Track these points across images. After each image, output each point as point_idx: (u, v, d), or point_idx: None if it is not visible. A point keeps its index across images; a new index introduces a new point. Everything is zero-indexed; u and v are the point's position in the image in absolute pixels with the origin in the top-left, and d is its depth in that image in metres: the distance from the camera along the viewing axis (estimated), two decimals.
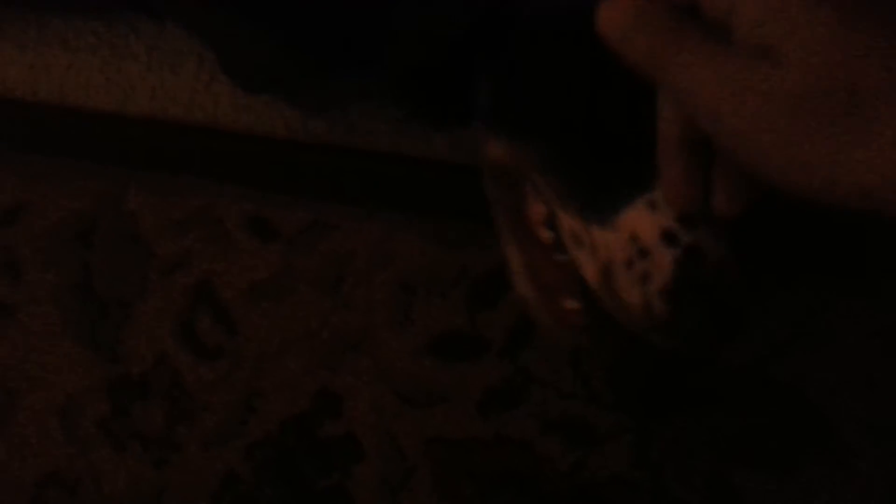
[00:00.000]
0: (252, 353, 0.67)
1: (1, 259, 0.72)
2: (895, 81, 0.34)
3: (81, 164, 0.74)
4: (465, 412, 0.63)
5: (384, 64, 0.55)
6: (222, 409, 0.66)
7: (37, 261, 0.72)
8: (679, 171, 0.41)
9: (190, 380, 0.67)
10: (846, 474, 0.59)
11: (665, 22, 0.38)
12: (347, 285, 0.67)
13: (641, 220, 0.44)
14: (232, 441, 0.66)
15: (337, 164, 0.71)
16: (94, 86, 0.75)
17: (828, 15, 0.36)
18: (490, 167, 0.52)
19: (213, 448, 0.66)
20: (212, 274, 0.69)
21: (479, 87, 0.50)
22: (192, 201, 0.71)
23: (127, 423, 0.67)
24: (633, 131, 0.45)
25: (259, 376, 0.66)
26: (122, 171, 0.73)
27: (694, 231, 0.43)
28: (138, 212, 0.72)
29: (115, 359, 0.68)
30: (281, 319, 0.67)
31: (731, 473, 0.60)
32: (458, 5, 0.50)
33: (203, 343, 0.67)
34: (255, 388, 0.66)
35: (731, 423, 0.60)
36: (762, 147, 0.37)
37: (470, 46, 0.50)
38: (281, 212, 0.70)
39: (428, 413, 0.63)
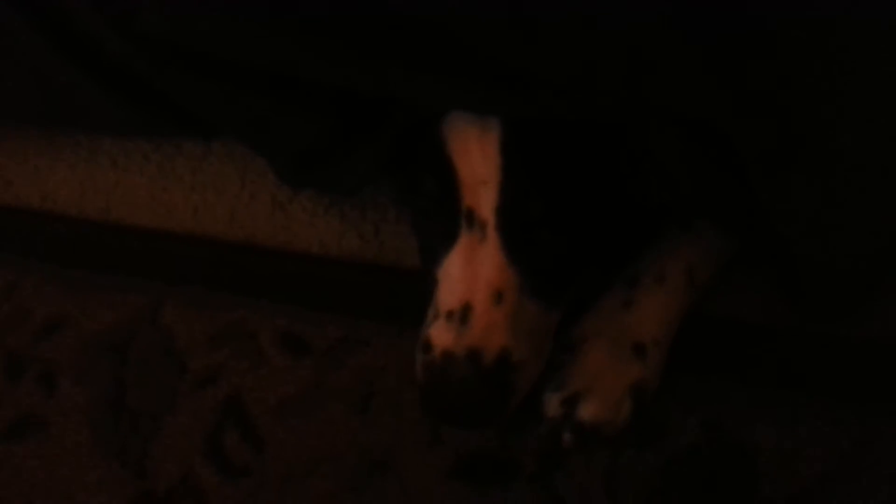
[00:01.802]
0: (278, 472, 0.65)
1: (37, 371, 0.73)
2: None
3: (122, 277, 0.76)
4: None
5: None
6: None
7: (72, 374, 0.72)
8: None
9: (213, 499, 0.65)
10: None
11: None
12: (376, 403, 0.66)
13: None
14: None
15: (369, 282, 0.72)
16: (140, 203, 0.78)
17: None
18: None
19: None
20: (242, 389, 0.69)
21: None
22: (226, 316, 0.72)
23: None
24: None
25: (284, 497, 0.64)
26: (161, 285, 0.75)
27: None
28: (174, 325, 0.73)
29: (142, 474, 0.67)
30: (309, 437, 0.66)
31: None
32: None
33: (230, 460, 0.66)
34: None
35: None
36: None
37: None
38: (313, 328, 0.70)
39: None
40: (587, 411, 0.59)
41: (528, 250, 0.55)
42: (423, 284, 0.59)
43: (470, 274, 0.55)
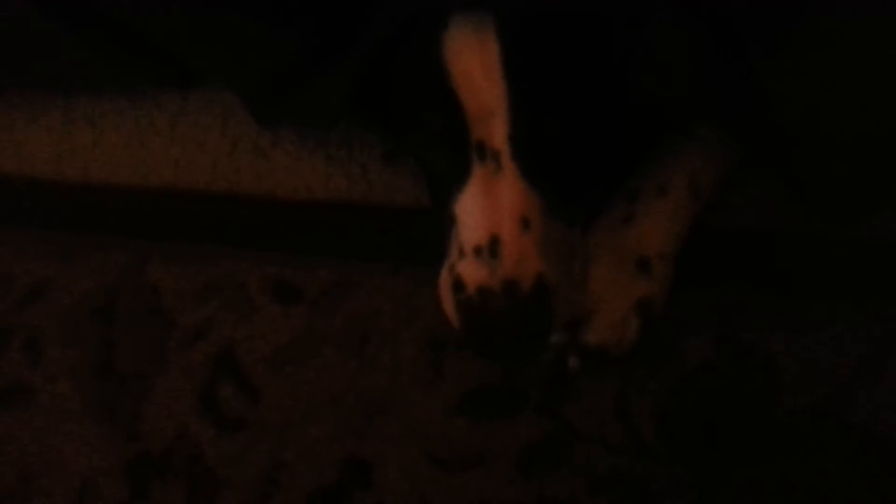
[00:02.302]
0: (275, 422, 0.63)
1: (23, 338, 0.70)
2: None
3: (104, 237, 0.73)
4: (504, 474, 0.57)
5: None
6: (244, 485, 0.62)
7: (58, 338, 0.70)
8: None
9: (211, 454, 0.63)
10: None
11: None
12: (373, 345, 0.64)
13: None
14: None
15: (359, 223, 0.69)
16: (119, 161, 0.75)
17: None
18: None
19: None
20: (233, 341, 0.66)
21: None
22: (213, 269, 0.69)
23: None
24: None
25: (283, 447, 0.62)
26: (144, 243, 0.72)
27: None
28: (160, 283, 0.70)
29: (134, 436, 0.65)
30: (305, 385, 0.63)
31: None
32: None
33: (225, 414, 0.64)
34: (279, 460, 0.62)
35: (802, 471, 0.53)
36: None
37: None
38: (303, 273, 0.68)
39: (464, 477, 0.58)
40: (592, 333, 0.56)
41: (545, 172, 0.53)
42: (435, 223, 0.57)
43: (491, 206, 0.53)
